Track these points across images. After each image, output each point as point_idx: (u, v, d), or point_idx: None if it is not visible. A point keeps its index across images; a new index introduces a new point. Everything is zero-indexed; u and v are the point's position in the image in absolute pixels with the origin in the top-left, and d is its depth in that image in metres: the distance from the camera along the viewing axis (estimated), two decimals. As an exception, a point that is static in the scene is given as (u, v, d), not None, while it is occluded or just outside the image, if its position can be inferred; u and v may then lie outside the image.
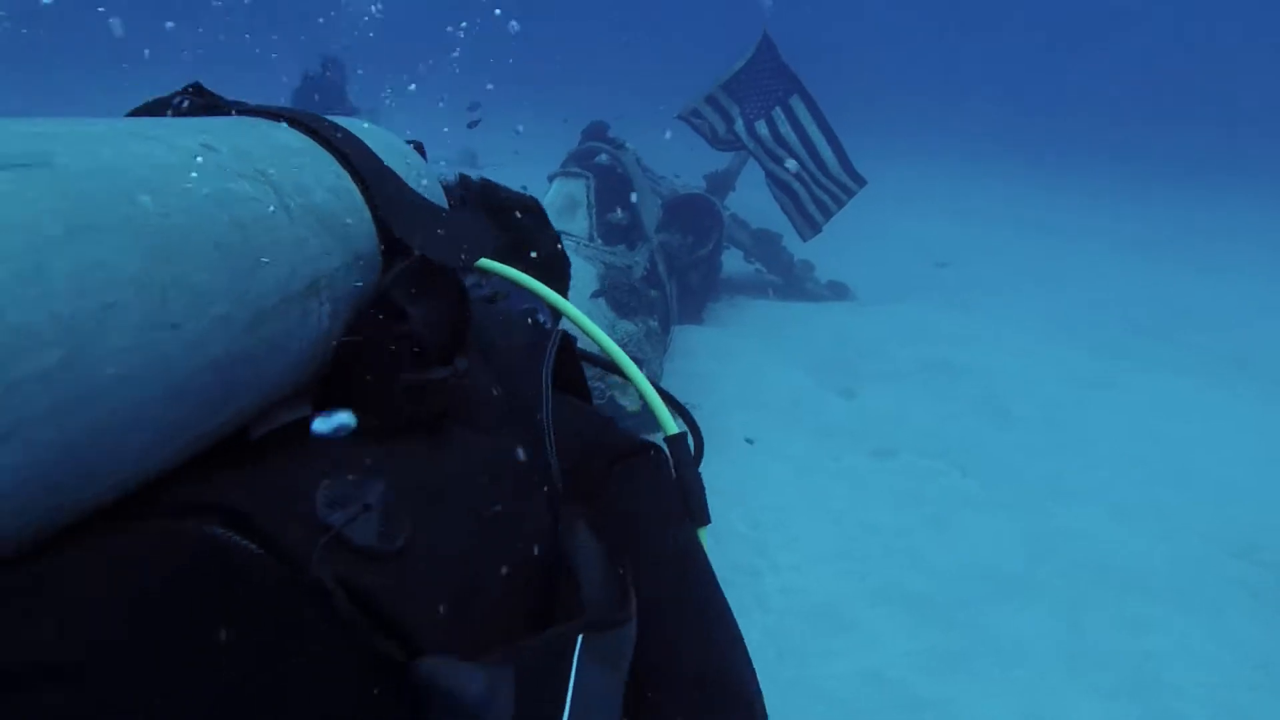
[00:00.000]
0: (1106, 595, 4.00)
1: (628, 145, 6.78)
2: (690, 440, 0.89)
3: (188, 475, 0.57)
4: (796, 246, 8.22)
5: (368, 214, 0.75)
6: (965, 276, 9.62)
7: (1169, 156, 19.38)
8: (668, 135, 7.25)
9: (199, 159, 0.61)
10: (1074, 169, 17.93)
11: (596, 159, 6.56)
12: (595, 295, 4.94)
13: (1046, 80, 29.54)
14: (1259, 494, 4.96)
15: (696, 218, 7.31)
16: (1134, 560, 4.28)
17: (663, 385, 0.95)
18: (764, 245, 8.40)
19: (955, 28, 35.64)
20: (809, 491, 4.56)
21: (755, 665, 0.85)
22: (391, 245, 0.76)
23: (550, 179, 6.08)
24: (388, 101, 9.98)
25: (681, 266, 6.64)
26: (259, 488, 0.57)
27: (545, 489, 0.72)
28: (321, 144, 0.75)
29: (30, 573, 0.46)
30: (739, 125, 6.99)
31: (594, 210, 5.74)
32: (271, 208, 0.64)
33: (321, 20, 11.22)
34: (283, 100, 9.41)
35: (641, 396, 0.88)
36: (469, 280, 0.98)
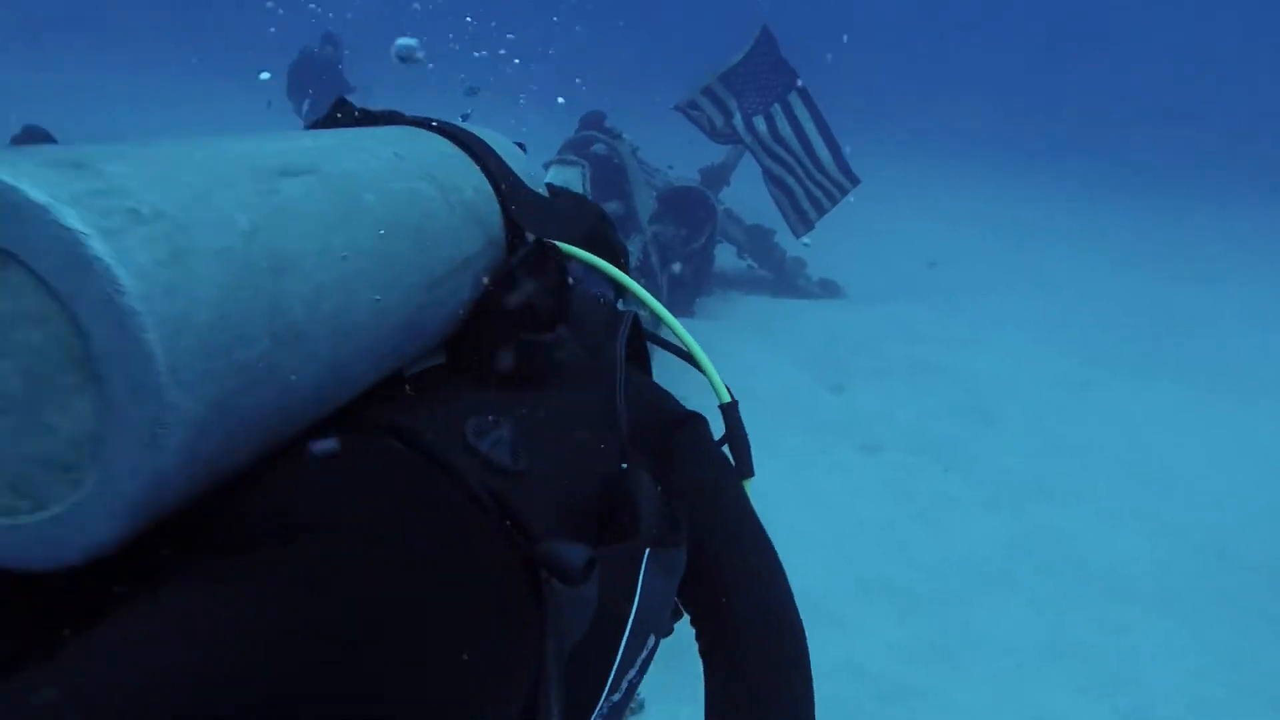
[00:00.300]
0: (1085, 593, 4.07)
1: (624, 135, 6.80)
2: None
3: (365, 404, 0.75)
4: (789, 243, 8.27)
5: (498, 206, 0.95)
6: (955, 277, 9.70)
7: (1159, 161, 19.56)
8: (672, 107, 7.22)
9: (395, 165, 0.80)
10: (1066, 173, 18.07)
11: (593, 148, 6.57)
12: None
13: (1041, 82, 29.70)
14: (1237, 499, 5.05)
15: (690, 210, 7.34)
16: (1113, 560, 4.35)
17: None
18: (757, 241, 8.44)
19: (950, 29, 35.77)
20: (799, 484, 4.61)
21: None
22: (514, 231, 0.95)
23: (546, 166, 6.09)
24: (374, 85, 9.96)
25: (673, 258, 6.68)
26: (424, 416, 0.76)
27: (615, 437, 0.90)
28: (464, 150, 0.95)
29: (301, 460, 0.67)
30: (737, 120, 7.01)
31: (590, 199, 5.75)
32: (441, 203, 0.84)
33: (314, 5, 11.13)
34: (280, 74, 9.35)
35: (702, 370, 1.10)
36: None
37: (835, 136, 6.82)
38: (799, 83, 6.77)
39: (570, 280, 0.96)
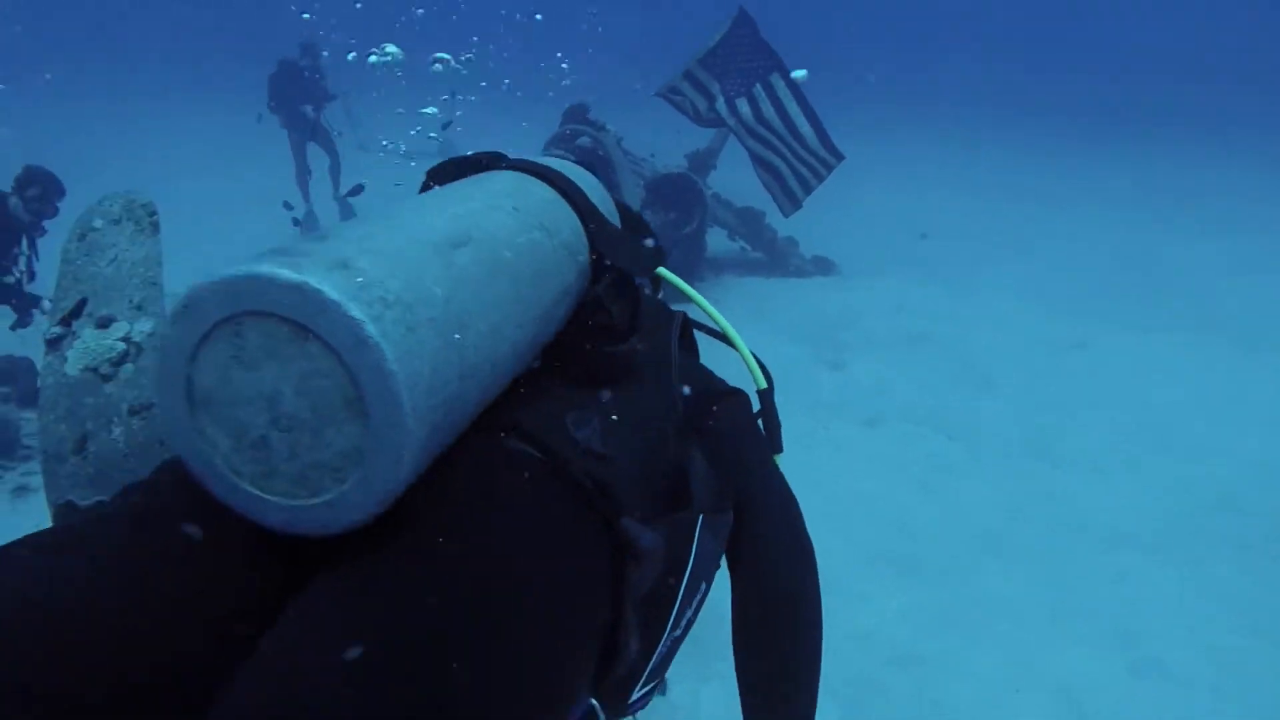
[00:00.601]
0: (1089, 551, 4.11)
1: (609, 127, 6.81)
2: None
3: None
4: (780, 223, 8.27)
5: (587, 241, 1.16)
6: (947, 246, 9.70)
7: (1142, 117, 19.48)
8: (653, 93, 7.23)
9: (518, 219, 1.01)
10: (1050, 133, 18.02)
11: (578, 141, 6.58)
12: None
13: (1024, 46, 29.58)
14: (1237, 448, 5.08)
15: (679, 196, 7.35)
16: (1115, 516, 4.39)
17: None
18: (747, 223, 8.45)
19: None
20: (800, 460, 4.60)
21: None
22: (599, 260, 1.16)
23: (532, 163, 6.10)
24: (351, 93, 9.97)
25: (665, 245, 6.68)
26: (535, 411, 0.97)
27: (674, 422, 1.13)
28: (560, 194, 1.15)
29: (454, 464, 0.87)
30: (720, 103, 7.00)
31: (576, 193, 5.77)
32: (549, 247, 1.04)
33: (308, 16, 11.07)
34: (260, 82, 9.35)
35: (742, 358, 1.36)
36: None
37: (817, 112, 6.81)
38: (780, 63, 6.75)
39: (641, 298, 1.18)
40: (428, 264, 0.82)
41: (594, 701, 0.92)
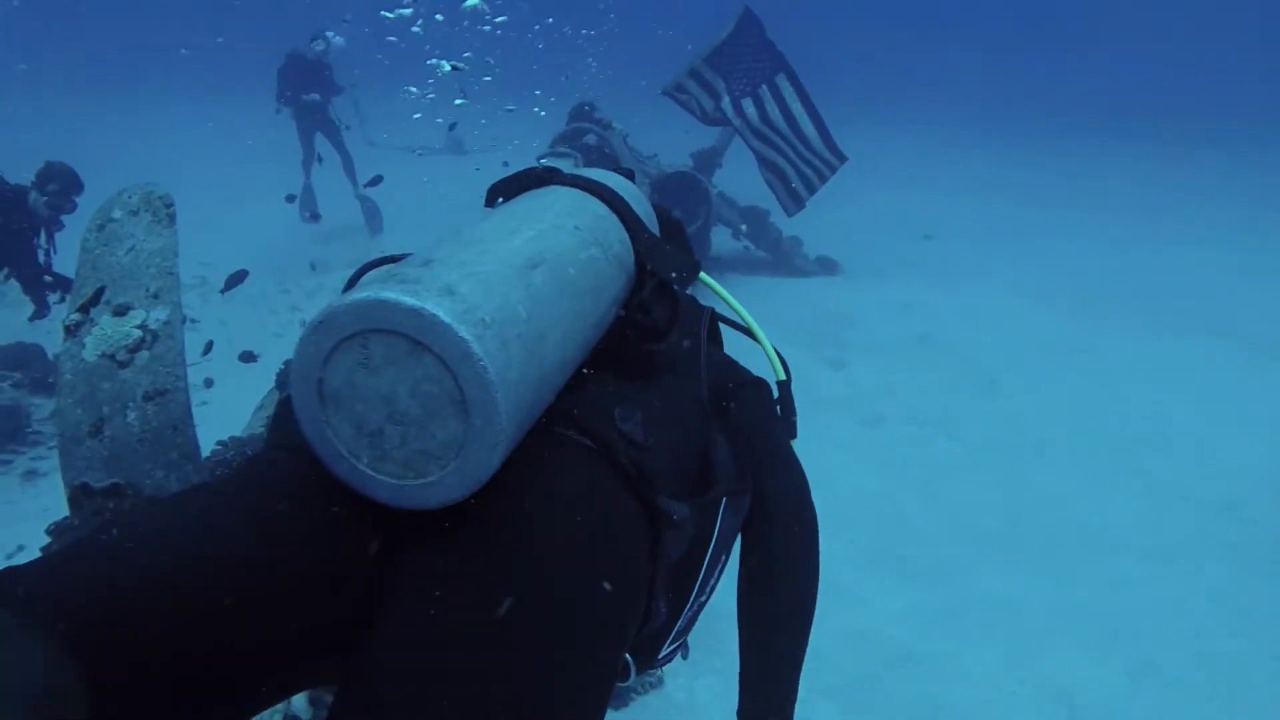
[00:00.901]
0: (1089, 553, 4.12)
1: (615, 125, 6.83)
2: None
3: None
4: (784, 223, 8.29)
5: (633, 252, 1.29)
6: (951, 247, 9.71)
7: (1149, 120, 19.46)
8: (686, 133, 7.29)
9: (578, 237, 1.15)
10: (1055, 135, 18.00)
11: (584, 139, 6.61)
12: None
13: (1030, 47, 29.52)
14: (1240, 455, 5.09)
15: (684, 195, 7.37)
16: (1115, 520, 4.41)
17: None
18: (752, 222, 8.46)
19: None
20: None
21: None
22: (642, 268, 1.29)
23: (539, 160, 6.13)
24: (357, 83, 9.95)
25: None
26: (585, 404, 1.10)
27: (702, 412, 1.27)
28: (610, 208, 1.28)
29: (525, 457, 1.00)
30: (726, 103, 7.02)
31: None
32: (604, 261, 1.18)
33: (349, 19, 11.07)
34: (270, 74, 9.38)
35: (764, 351, 1.53)
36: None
37: (821, 114, 6.84)
38: (786, 64, 6.77)
39: (680, 301, 1.31)
40: (513, 287, 0.97)
41: (628, 657, 1.09)
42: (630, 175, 1.52)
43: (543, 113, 10.31)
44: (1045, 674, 3.31)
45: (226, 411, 4.19)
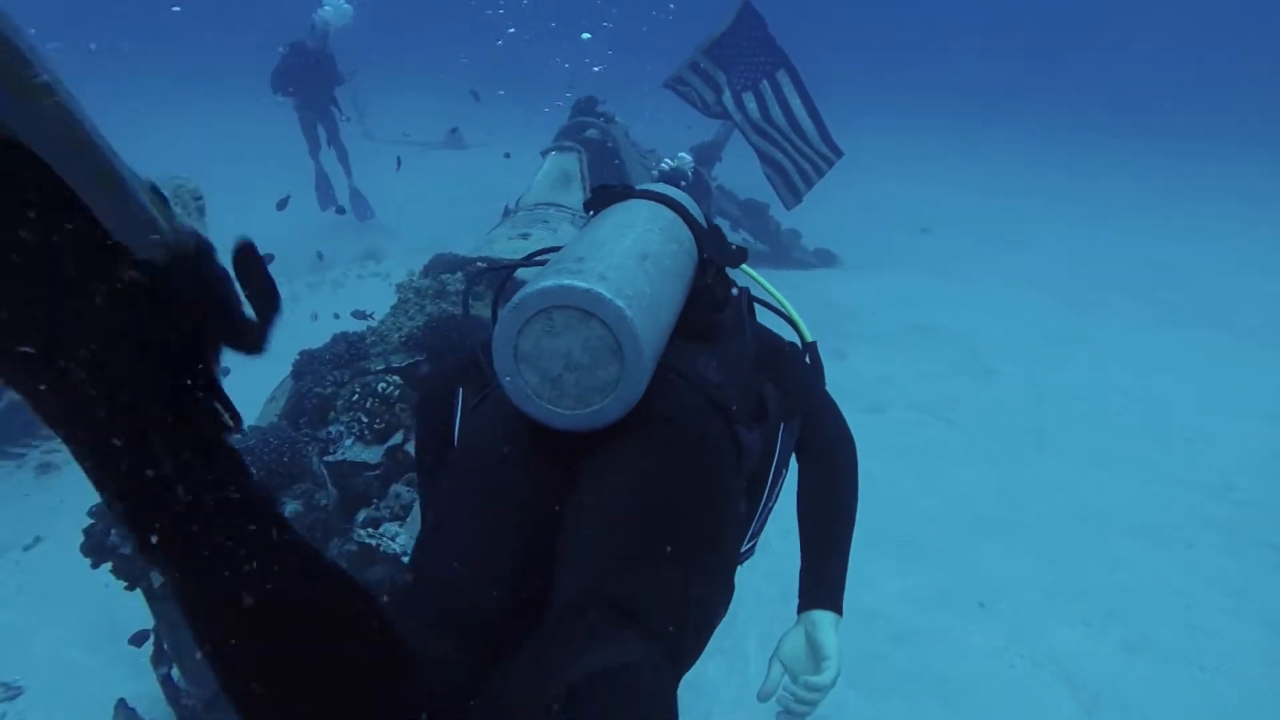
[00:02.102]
0: (1085, 535, 4.24)
1: (617, 119, 6.90)
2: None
3: None
4: (783, 215, 8.38)
5: (697, 247, 1.63)
6: (948, 240, 9.81)
7: (1146, 113, 19.57)
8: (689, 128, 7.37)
9: (665, 237, 1.49)
10: (1052, 127, 18.10)
11: (586, 133, 6.67)
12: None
13: (1025, 40, 29.59)
14: (1234, 441, 5.20)
15: (685, 188, 7.44)
16: (1110, 503, 4.52)
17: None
18: (751, 215, 8.55)
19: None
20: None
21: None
22: (704, 257, 1.64)
23: (544, 154, 6.19)
24: (356, 72, 10.00)
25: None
26: (681, 359, 1.43)
27: (751, 364, 1.58)
28: (677, 214, 1.62)
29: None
30: (727, 96, 7.09)
31: (588, 183, 5.88)
32: (683, 255, 1.52)
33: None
34: (268, 63, 9.42)
35: (792, 319, 1.90)
36: None
37: (819, 110, 6.93)
38: (787, 60, 6.85)
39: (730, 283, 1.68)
40: (636, 273, 1.30)
41: None
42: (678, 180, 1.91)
43: (546, 109, 10.38)
44: (1044, 648, 3.42)
45: (236, 402, 4.26)
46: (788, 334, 1.85)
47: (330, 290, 7.87)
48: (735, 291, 1.70)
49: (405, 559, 2.54)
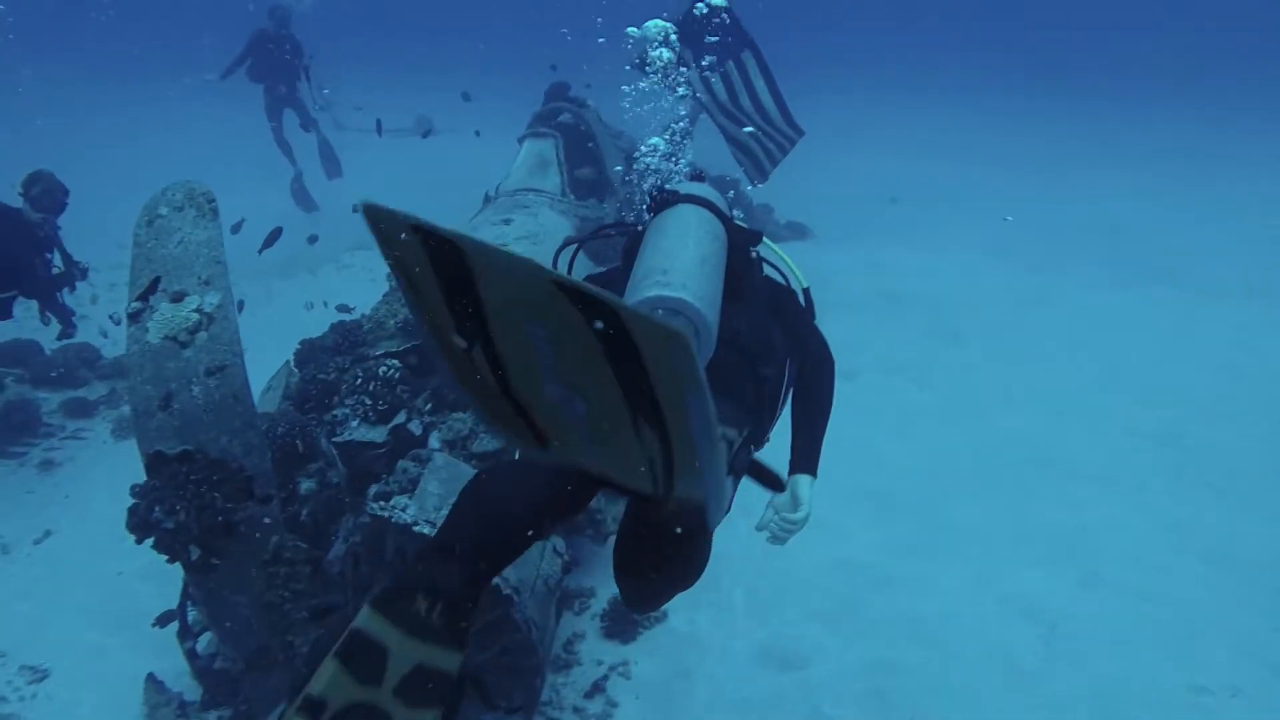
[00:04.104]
0: (1046, 484, 4.53)
1: (589, 103, 7.03)
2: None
3: None
4: (754, 192, 8.58)
5: (727, 236, 2.05)
6: (916, 209, 10.07)
7: (1102, 78, 19.92)
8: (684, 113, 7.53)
9: (710, 237, 1.99)
10: (1011, 99, 18.39)
11: (560, 118, 6.80)
12: (568, 242, 5.27)
13: (986, 13, 29.81)
14: (1182, 391, 5.53)
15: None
16: (1070, 453, 4.81)
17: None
18: (722, 190, 8.71)
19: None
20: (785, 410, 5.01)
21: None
22: (733, 241, 2.07)
23: (520, 140, 6.33)
24: (314, 59, 10.10)
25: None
26: (724, 321, 1.88)
27: (767, 314, 2.12)
28: (713, 213, 2.04)
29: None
30: (692, 73, 7.25)
31: (564, 168, 6.03)
32: (721, 249, 1.99)
33: None
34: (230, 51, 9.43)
35: (793, 272, 2.39)
36: None
37: (781, 90, 7.13)
38: (752, 41, 7.02)
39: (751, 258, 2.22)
40: (700, 276, 1.78)
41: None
42: (700, 177, 2.49)
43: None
44: (1008, 587, 3.70)
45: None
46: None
47: (318, 278, 8.03)
48: (754, 254, 2.25)
49: (415, 528, 2.73)
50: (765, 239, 2.42)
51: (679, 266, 1.78)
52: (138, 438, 2.29)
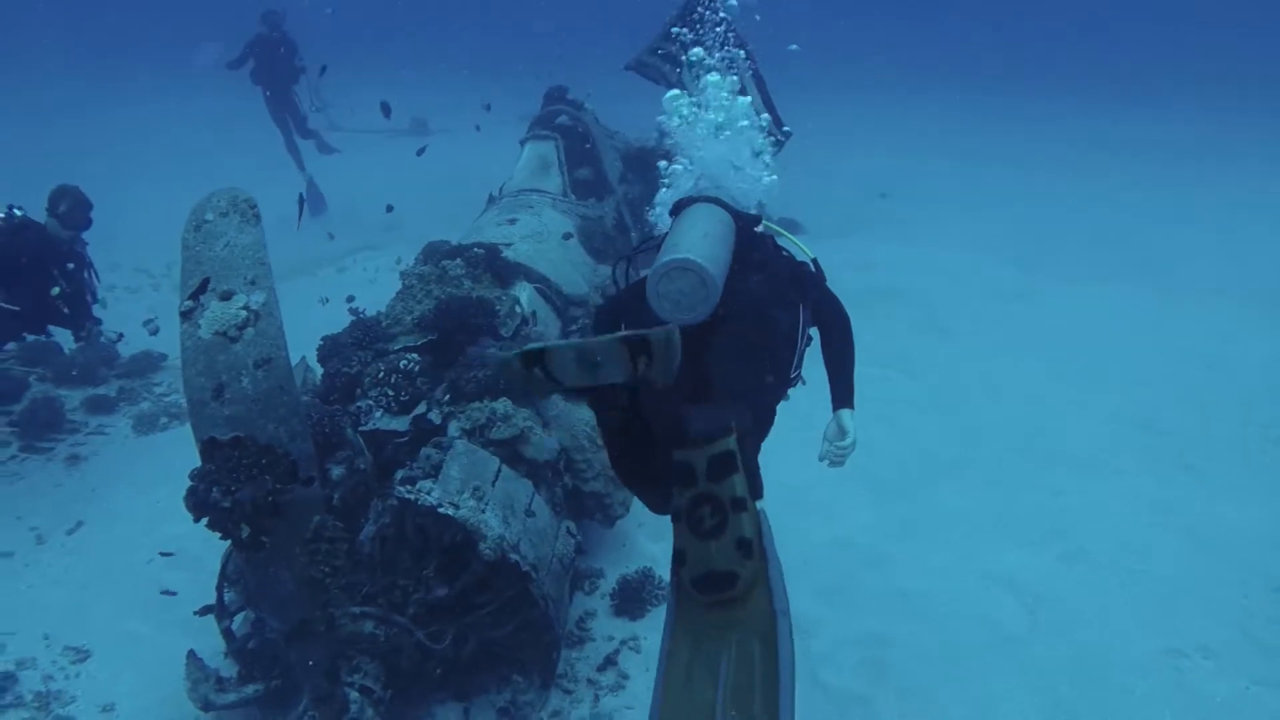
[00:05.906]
0: (1031, 470, 4.76)
1: (587, 105, 7.23)
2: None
3: None
4: (749, 189, 8.78)
5: (730, 217, 2.57)
6: (905, 205, 10.31)
7: (1086, 83, 20.20)
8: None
9: (724, 232, 2.50)
10: (1000, 98, 18.65)
11: (558, 120, 7.00)
12: (566, 236, 5.47)
13: (974, 11, 30.09)
14: (1156, 380, 5.78)
15: (652, 167, 7.80)
16: (1052, 440, 5.05)
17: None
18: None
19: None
20: (782, 403, 5.22)
21: None
22: (738, 223, 2.59)
23: (522, 143, 6.53)
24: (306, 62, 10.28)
25: (641, 213, 7.19)
26: (740, 281, 2.45)
27: (779, 279, 2.58)
28: (718, 205, 2.57)
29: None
30: (685, 74, 7.44)
31: (565, 169, 6.24)
32: (729, 231, 2.50)
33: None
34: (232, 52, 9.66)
35: (800, 247, 2.88)
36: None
37: (769, 92, 7.35)
38: (743, 42, 7.22)
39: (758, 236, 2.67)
40: (704, 245, 2.25)
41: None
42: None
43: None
44: (993, 564, 3.94)
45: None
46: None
47: (318, 280, 8.21)
48: (761, 228, 2.75)
49: (441, 509, 2.94)
50: (766, 221, 2.85)
51: (685, 242, 2.26)
52: (193, 425, 2.48)
